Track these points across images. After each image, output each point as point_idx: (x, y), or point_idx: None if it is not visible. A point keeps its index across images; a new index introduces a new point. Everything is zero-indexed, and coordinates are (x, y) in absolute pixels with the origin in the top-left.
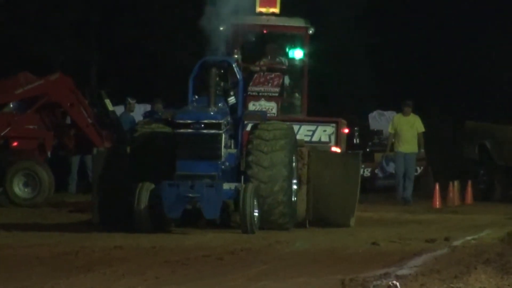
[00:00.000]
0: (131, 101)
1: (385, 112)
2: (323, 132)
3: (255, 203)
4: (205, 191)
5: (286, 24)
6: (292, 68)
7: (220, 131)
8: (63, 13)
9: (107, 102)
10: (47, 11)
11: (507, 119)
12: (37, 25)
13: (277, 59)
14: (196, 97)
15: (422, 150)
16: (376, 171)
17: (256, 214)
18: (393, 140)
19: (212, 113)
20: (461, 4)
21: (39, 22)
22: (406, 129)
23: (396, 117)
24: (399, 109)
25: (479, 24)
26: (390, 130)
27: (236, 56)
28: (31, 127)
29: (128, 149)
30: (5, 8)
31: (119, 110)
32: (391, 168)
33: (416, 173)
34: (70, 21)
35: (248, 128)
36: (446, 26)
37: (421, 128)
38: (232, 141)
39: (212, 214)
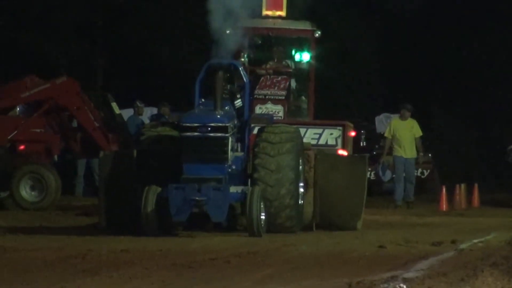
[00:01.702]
0: (139, 104)
1: (392, 115)
2: (329, 135)
3: (262, 206)
4: (212, 194)
5: (292, 27)
6: (298, 71)
7: (227, 134)
8: (68, 16)
9: (114, 105)
10: (53, 14)
11: None
12: (43, 28)
13: (284, 62)
14: (203, 100)
15: (422, 154)
16: (373, 174)
17: (262, 217)
18: (391, 144)
19: (218, 116)
20: (467, 5)
21: (45, 25)
22: (404, 134)
23: (394, 121)
24: None
25: (483, 25)
26: (387, 134)
27: (242, 59)
28: (37, 130)
29: (135, 153)
30: (10, 11)
31: (128, 113)
32: (387, 177)
33: (422, 176)
34: (76, 24)
35: (255, 131)
36: (452, 27)
37: (418, 132)
38: (239, 144)
39: (219, 217)
